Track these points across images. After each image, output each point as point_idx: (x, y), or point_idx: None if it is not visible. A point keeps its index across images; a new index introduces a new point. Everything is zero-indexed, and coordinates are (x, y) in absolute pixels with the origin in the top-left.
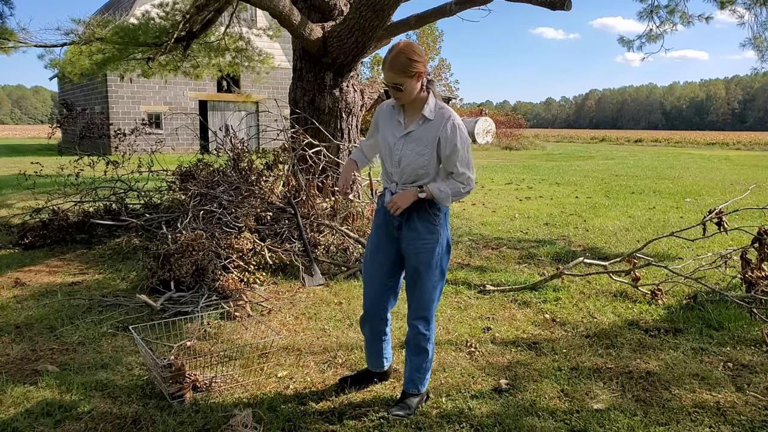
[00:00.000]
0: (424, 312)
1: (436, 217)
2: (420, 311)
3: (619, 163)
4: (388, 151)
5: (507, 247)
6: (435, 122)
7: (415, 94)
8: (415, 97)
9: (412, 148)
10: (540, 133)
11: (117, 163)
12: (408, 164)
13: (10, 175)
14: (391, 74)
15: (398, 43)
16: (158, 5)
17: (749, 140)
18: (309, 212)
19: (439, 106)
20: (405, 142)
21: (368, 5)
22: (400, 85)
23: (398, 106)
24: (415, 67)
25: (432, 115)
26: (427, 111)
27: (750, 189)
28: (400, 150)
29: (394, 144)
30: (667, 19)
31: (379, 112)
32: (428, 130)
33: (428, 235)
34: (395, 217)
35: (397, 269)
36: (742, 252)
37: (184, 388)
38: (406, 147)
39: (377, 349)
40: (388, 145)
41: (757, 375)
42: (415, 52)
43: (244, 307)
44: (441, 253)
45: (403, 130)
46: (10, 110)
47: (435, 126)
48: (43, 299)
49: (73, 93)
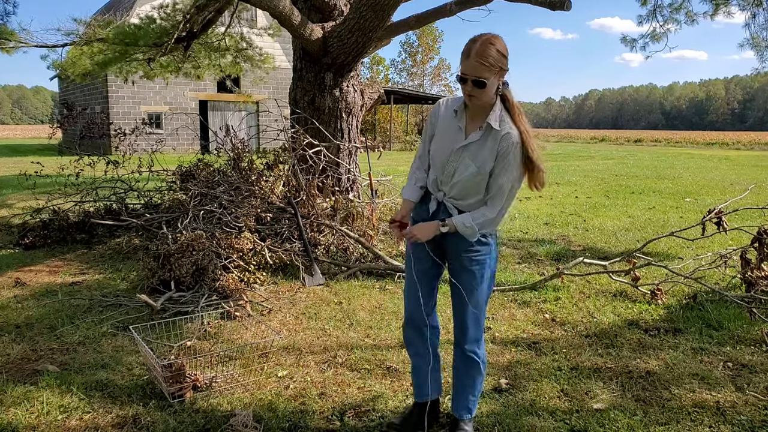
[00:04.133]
0: (476, 331)
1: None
2: (472, 331)
3: (618, 163)
4: (442, 161)
5: (507, 247)
6: (497, 134)
7: (491, 97)
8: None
9: (468, 166)
10: (540, 133)
11: (117, 163)
12: (460, 179)
13: (11, 175)
14: (477, 65)
15: (484, 34)
16: (159, 6)
17: (749, 140)
18: (309, 212)
19: (503, 118)
20: (462, 155)
21: (368, 5)
22: (485, 80)
23: (461, 110)
24: (502, 62)
25: (497, 125)
26: (493, 118)
27: (749, 189)
28: (457, 162)
29: (450, 154)
30: (671, 18)
31: (436, 113)
32: (489, 142)
33: (480, 246)
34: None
35: (439, 275)
36: (741, 252)
37: (184, 387)
38: (463, 160)
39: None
40: (443, 153)
41: (757, 375)
42: (503, 45)
43: (244, 306)
44: (490, 263)
45: (462, 139)
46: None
47: (496, 139)
48: (44, 299)
49: (74, 93)
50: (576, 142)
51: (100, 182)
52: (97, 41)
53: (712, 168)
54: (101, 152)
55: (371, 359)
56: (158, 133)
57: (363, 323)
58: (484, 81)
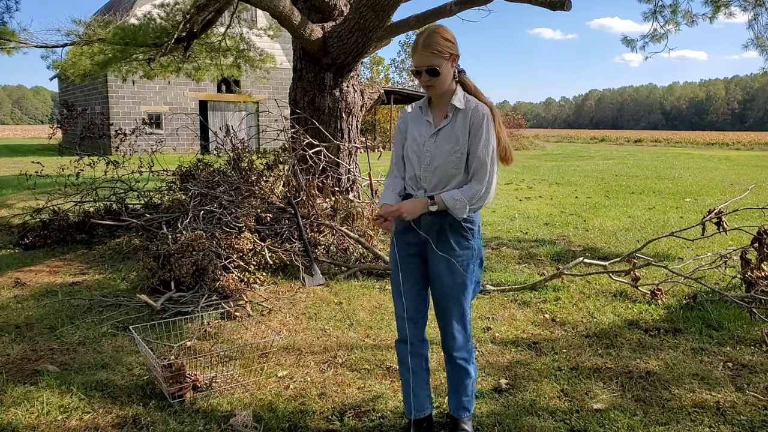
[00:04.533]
0: (463, 337)
1: (470, 231)
2: (459, 337)
3: (618, 163)
4: (417, 153)
5: (507, 247)
6: (465, 112)
7: (449, 83)
8: (446, 89)
9: (443, 147)
10: (540, 134)
11: (117, 163)
12: (439, 165)
13: (11, 175)
14: (426, 55)
15: (428, 27)
16: (159, 5)
17: (749, 140)
18: (309, 212)
19: (467, 98)
20: (436, 141)
21: (368, 5)
22: (437, 67)
23: (425, 106)
24: (449, 47)
25: (462, 104)
26: (457, 101)
27: (749, 189)
28: (432, 150)
29: (424, 144)
30: (671, 19)
31: (405, 120)
32: (459, 121)
33: (463, 250)
34: (423, 229)
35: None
36: (741, 252)
37: (184, 388)
38: (438, 146)
39: (422, 381)
40: (417, 145)
41: (757, 375)
42: (448, 32)
43: (244, 307)
44: (475, 268)
45: (432, 129)
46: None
47: (466, 116)
48: (44, 299)
49: (74, 93)
50: (576, 142)
51: (100, 182)
52: (97, 41)
53: (712, 168)
54: (101, 152)
55: (371, 359)
56: (158, 134)
57: (363, 323)
58: (436, 68)
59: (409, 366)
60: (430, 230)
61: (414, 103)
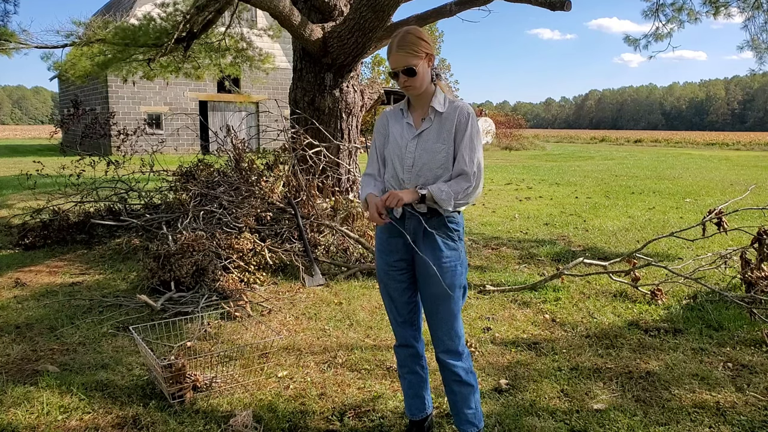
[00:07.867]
0: (455, 343)
1: (455, 232)
2: (450, 343)
3: (618, 163)
4: (399, 155)
5: (507, 248)
6: (448, 114)
7: (426, 83)
8: (424, 90)
9: (426, 148)
10: (540, 134)
11: (118, 164)
12: (423, 166)
13: (11, 175)
14: (401, 55)
15: (401, 29)
16: (159, 5)
17: (749, 140)
18: (309, 212)
19: (448, 99)
20: (418, 143)
21: (368, 5)
22: (414, 67)
23: (405, 109)
24: (424, 46)
25: (442, 108)
26: (437, 104)
27: (749, 189)
28: (414, 152)
29: (406, 146)
30: (674, 17)
31: (385, 123)
32: (442, 123)
33: (450, 251)
34: (408, 231)
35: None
36: (741, 252)
37: (184, 388)
38: (420, 147)
39: (422, 382)
40: (398, 147)
41: (757, 375)
42: (422, 32)
43: (244, 307)
44: (463, 271)
45: (414, 131)
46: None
47: (448, 118)
48: (44, 299)
49: (74, 94)
50: (576, 142)
51: (100, 182)
52: (96, 42)
53: (712, 168)
54: (102, 152)
55: (371, 359)
56: (158, 134)
57: (363, 323)
58: (412, 68)
59: (409, 368)
60: (416, 231)
61: (394, 105)
